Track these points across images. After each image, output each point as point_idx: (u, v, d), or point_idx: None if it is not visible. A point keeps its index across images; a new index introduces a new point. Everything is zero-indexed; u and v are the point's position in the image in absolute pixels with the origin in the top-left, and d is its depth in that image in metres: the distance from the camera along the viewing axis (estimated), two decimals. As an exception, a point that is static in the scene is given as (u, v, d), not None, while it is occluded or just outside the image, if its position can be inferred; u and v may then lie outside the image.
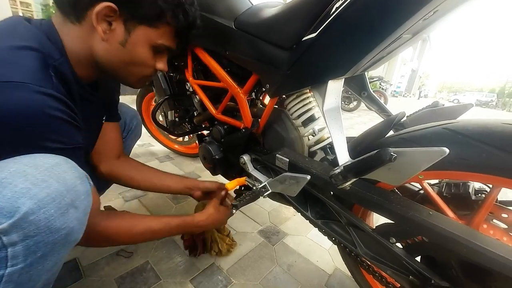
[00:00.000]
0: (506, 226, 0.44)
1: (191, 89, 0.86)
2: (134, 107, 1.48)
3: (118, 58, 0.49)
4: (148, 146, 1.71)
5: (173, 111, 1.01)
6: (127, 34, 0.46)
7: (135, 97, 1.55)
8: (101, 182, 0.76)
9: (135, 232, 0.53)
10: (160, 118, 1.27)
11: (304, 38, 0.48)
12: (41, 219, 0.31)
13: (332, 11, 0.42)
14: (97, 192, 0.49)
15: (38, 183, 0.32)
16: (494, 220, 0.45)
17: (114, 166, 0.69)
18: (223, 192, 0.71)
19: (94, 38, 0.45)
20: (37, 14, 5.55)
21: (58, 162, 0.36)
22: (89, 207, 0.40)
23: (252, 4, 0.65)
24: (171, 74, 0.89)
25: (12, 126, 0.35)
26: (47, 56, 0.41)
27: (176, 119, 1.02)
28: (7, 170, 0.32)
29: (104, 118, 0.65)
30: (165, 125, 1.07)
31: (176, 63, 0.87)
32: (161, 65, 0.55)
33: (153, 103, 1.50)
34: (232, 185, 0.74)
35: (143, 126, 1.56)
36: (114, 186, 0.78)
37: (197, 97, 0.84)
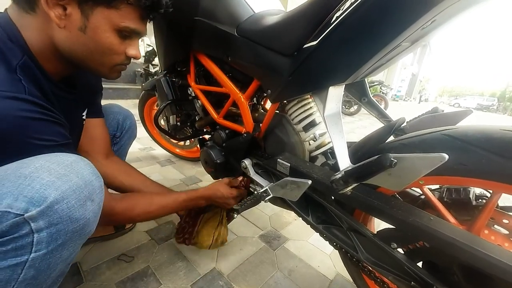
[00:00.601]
0: (507, 232, 0.44)
1: (193, 94, 0.87)
2: (136, 111, 1.51)
3: (81, 46, 0.45)
4: (149, 150, 1.72)
5: (175, 115, 1.02)
6: (85, 18, 0.42)
7: (137, 101, 1.57)
8: None
9: (150, 211, 0.61)
10: (162, 122, 1.27)
11: (305, 46, 0.49)
12: (64, 209, 0.35)
13: (333, 20, 0.43)
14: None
15: (61, 177, 0.36)
16: (495, 226, 0.45)
17: (102, 165, 0.68)
18: (235, 179, 0.76)
19: (52, 27, 0.42)
20: None
21: (76, 160, 0.40)
22: (102, 201, 0.42)
23: (254, 12, 0.67)
24: (174, 79, 0.90)
25: None
26: (10, 57, 0.40)
27: (178, 123, 1.03)
28: (33, 165, 0.35)
29: (84, 115, 0.63)
30: (167, 129, 1.08)
31: (179, 69, 0.88)
32: (133, 51, 0.50)
33: (155, 107, 1.52)
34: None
35: (144, 130, 1.58)
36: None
37: (199, 102, 0.85)
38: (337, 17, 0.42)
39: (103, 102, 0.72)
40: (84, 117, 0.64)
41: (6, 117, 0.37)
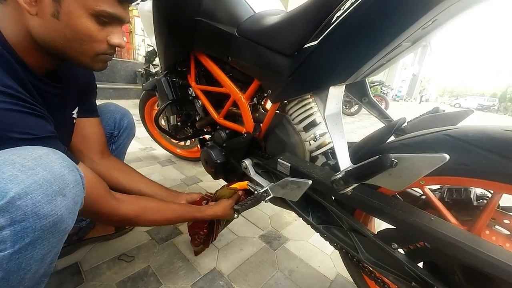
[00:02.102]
0: (508, 232, 0.44)
1: (193, 94, 0.87)
2: (137, 111, 1.51)
3: (57, 34, 0.42)
4: (150, 150, 1.72)
5: (175, 115, 1.02)
6: (57, 3, 0.39)
7: (137, 101, 1.57)
8: None
9: (154, 219, 0.60)
10: (163, 122, 1.28)
11: (305, 46, 0.49)
12: (28, 205, 0.32)
13: (333, 20, 0.43)
14: (102, 180, 0.53)
15: (25, 170, 0.33)
16: (496, 226, 0.45)
17: (97, 164, 0.66)
18: (240, 193, 0.74)
19: (25, 15, 0.40)
20: None
21: (46, 153, 0.37)
22: (80, 197, 0.39)
23: (255, 12, 0.67)
24: (174, 79, 0.90)
25: None
26: None
27: (179, 123, 1.03)
28: None
29: (74, 113, 0.61)
30: (167, 129, 1.08)
31: (179, 69, 0.88)
32: (116, 39, 0.47)
33: (156, 107, 1.52)
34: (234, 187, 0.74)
35: (145, 130, 1.59)
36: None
37: (200, 102, 0.85)
38: (338, 17, 0.42)
39: (103, 102, 0.72)
40: (74, 116, 0.62)
41: None
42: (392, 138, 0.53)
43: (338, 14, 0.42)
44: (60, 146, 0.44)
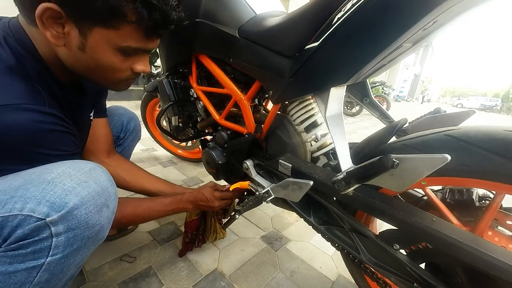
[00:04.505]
0: (511, 233, 0.43)
1: (195, 95, 0.87)
2: (139, 112, 1.51)
3: (83, 64, 0.44)
4: (151, 151, 1.72)
5: (177, 116, 1.03)
6: (83, 37, 0.40)
7: (139, 102, 1.58)
8: None
9: (137, 213, 0.60)
10: (164, 123, 1.28)
11: (306, 47, 0.49)
12: (82, 214, 0.36)
13: (334, 21, 0.43)
14: None
15: (81, 183, 0.37)
16: (499, 227, 0.45)
17: (103, 163, 0.67)
18: (227, 185, 0.75)
19: (53, 44, 0.41)
20: None
21: (94, 167, 0.41)
22: (116, 207, 0.43)
23: (256, 13, 0.67)
24: (176, 80, 0.90)
25: (12, 143, 0.38)
26: (26, 67, 0.41)
27: (180, 124, 1.03)
28: (55, 171, 0.36)
29: (91, 115, 0.64)
30: (169, 130, 1.09)
31: (181, 70, 0.88)
32: (140, 67, 0.48)
33: (157, 108, 1.52)
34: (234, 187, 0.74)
35: (146, 131, 1.59)
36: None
37: (201, 103, 0.86)
38: (339, 18, 0.42)
39: (109, 103, 0.73)
40: (91, 118, 0.64)
41: (26, 129, 0.38)
42: (393, 138, 0.53)
43: (339, 15, 0.42)
44: (82, 159, 0.47)
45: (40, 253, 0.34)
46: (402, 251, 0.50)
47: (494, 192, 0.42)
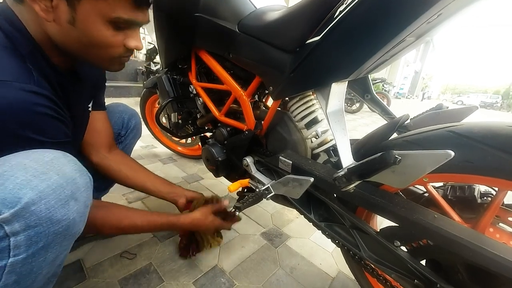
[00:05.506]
0: (512, 230, 0.43)
1: (194, 92, 0.86)
2: (138, 108, 1.51)
3: (74, 40, 0.42)
4: (151, 148, 1.72)
5: (176, 113, 1.02)
6: (72, 10, 0.38)
7: (138, 99, 1.57)
8: (104, 182, 0.77)
9: (120, 227, 0.56)
10: (164, 120, 1.28)
11: (307, 41, 0.48)
12: (42, 210, 0.32)
13: (336, 14, 0.42)
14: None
15: (39, 175, 0.33)
16: (501, 224, 0.44)
17: (105, 158, 0.68)
18: (219, 204, 0.73)
19: (42, 20, 0.39)
20: None
21: (57, 156, 0.37)
22: (90, 200, 0.40)
23: (256, 8, 0.66)
24: (175, 77, 0.89)
25: None
26: (18, 46, 0.39)
27: (179, 121, 1.03)
28: (8, 164, 0.33)
29: (90, 107, 0.62)
30: (168, 127, 1.08)
31: (180, 66, 0.87)
32: (133, 42, 0.46)
33: (157, 105, 1.51)
34: (234, 186, 0.74)
35: (146, 128, 1.59)
36: (117, 186, 0.79)
37: (201, 100, 0.85)
38: (341, 12, 0.41)
39: (108, 100, 0.72)
40: (90, 109, 0.62)
41: (15, 108, 0.36)
42: (395, 135, 0.53)
43: (341, 8, 0.41)
44: (71, 150, 0.44)
45: None
46: (403, 248, 0.49)
47: (496, 188, 0.41)
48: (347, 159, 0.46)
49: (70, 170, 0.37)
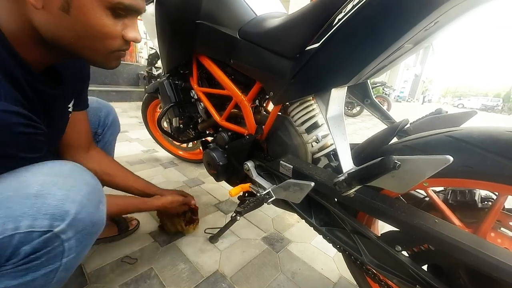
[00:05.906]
0: (514, 235, 0.43)
1: (196, 97, 0.87)
2: (139, 113, 1.52)
3: (67, 31, 0.36)
4: (152, 152, 1.72)
5: (178, 118, 1.03)
6: None
7: (140, 103, 1.58)
8: None
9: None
10: (165, 124, 1.28)
11: (307, 48, 0.49)
12: (85, 217, 0.38)
13: (335, 22, 0.43)
14: None
15: (71, 188, 0.38)
16: (502, 229, 0.44)
17: (83, 158, 0.66)
18: (188, 198, 0.85)
19: (28, 7, 0.34)
20: None
21: (71, 168, 0.41)
22: (105, 198, 0.45)
23: (256, 15, 0.67)
24: (177, 82, 0.90)
25: None
26: None
27: (181, 125, 1.03)
28: (35, 183, 0.36)
29: (70, 107, 0.57)
30: (170, 131, 1.09)
31: (181, 71, 0.88)
32: (132, 33, 0.41)
33: (158, 110, 1.53)
34: (235, 191, 0.74)
35: (147, 133, 1.60)
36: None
37: (202, 104, 0.86)
38: (340, 19, 0.42)
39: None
40: (70, 109, 0.57)
41: None
42: (395, 139, 0.53)
43: (339, 16, 0.42)
44: (50, 155, 0.44)
45: (54, 259, 0.37)
46: (404, 252, 0.49)
47: (496, 193, 0.41)
48: (347, 164, 0.47)
49: (89, 177, 0.42)
